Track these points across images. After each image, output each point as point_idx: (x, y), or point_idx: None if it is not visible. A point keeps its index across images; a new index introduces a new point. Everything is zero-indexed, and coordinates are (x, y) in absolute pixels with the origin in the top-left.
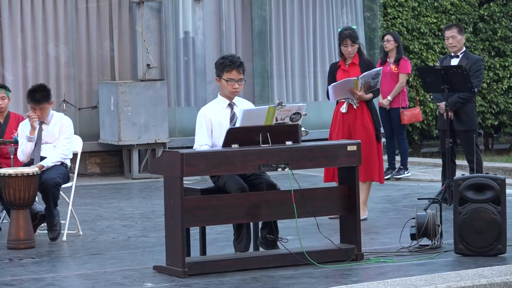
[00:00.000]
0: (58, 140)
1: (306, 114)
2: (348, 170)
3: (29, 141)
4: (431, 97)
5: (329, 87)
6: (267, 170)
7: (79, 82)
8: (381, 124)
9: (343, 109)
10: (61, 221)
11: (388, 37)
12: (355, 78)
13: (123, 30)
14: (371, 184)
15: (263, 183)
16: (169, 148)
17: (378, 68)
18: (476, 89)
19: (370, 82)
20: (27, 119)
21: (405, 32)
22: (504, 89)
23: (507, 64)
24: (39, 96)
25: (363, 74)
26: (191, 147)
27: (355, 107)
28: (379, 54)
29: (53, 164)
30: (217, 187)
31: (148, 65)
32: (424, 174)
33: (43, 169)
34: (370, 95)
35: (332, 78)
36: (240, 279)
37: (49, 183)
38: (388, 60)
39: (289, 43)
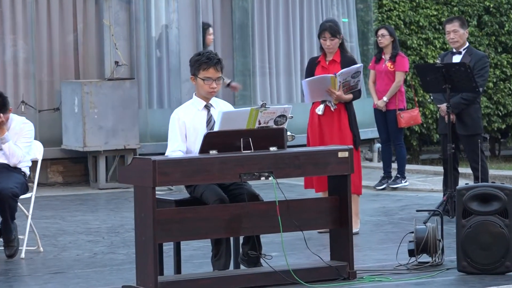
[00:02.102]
0: (17, 142)
1: (292, 116)
2: (339, 179)
3: None
4: (431, 97)
5: (303, 82)
6: (249, 179)
7: (39, 82)
8: (358, 128)
9: (319, 110)
10: (19, 236)
11: (382, 31)
12: (332, 75)
13: (89, 24)
14: (358, 195)
15: (244, 193)
16: (139, 154)
17: (358, 65)
18: (480, 89)
19: (350, 81)
20: None
21: (402, 26)
22: None
23: None
24: None
25: (342, 71)
26: (164, 153)
27: (332, 109)
28: (373, 50)
29: (9, 144)
30: (193, 198)
31: (116, 63)
32: (424, 183)
33: (2, 135)
34: (350, 96)
35: (310, 75)
36: None
37: (5, 194)
38: (383, 57)
39: (273, 38)
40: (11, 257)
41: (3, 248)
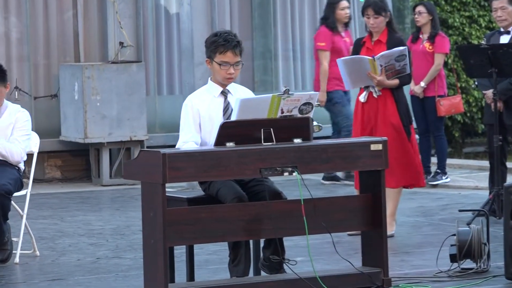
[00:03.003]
0: (13, 137)
1: (319, 104)
2: (372, 174)
3: None
4: (476, 83)
5: (339, 60)
6: (270, 174)
7: (35, 65)
8: (413, 119)
9: (362, 98)
10: (13, 239)
11: (420, 8)
12: (370, 58)
13: (90, 0)
14: (401, 191)
15: (265, 190)
16: (147, 147)
17: (401, 48)
18: None
19: (394, 65)
20: None
21: (443, 2)
22: None
23: None
24: None
25: (382, 53)
26: (175, 146)
27: (375, 95)
28: (409, 29)
29: (3, 148)
30: (208, 196)
31: (121, 43)
32: (467, 179)
33: None
34: (395, 82)
35: None
36: None
37: None
38: (420, 36)
39: (297, 16)
40: (4, 262)
41: None
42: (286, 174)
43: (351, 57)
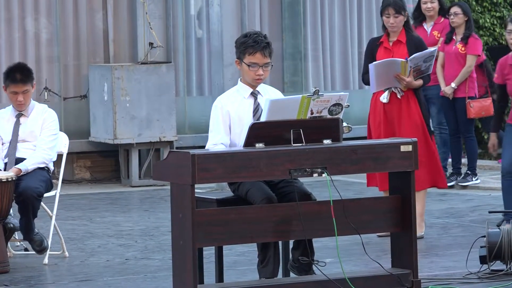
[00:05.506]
0: (41, 137)
1: (348, 105)
2: (402, 176)
3: None
4: None
5: (371, 65)
6: (299, 175)
7: (64, 65)
8: (430, 120)
9: (384, 98)
10: None
11: (455, 9)
12: (403, 60)
13: (120, 1)
14: (426, 192)
15: (294, 192)
16: (176, 148)
17: (432, 49)
18: None
19: (421, 66)
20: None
21: (474, 3)
22: None
23: None
24: (20, 75)
25: (414, 55)
26: (205, 147)
27: (399, 96)
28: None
29: (33, 168)
30: (237, 197)
31: (151, 44)
32: (498, 181)
33: (21, 174)
34: (419, 82)
35: (371, 58)
36: None
37: (29, 194)
38: (454, 37)
39: (327, 17)
40: (41, 252)
41: (31, 247)
42: (315, 175)
43: (384, 60)
